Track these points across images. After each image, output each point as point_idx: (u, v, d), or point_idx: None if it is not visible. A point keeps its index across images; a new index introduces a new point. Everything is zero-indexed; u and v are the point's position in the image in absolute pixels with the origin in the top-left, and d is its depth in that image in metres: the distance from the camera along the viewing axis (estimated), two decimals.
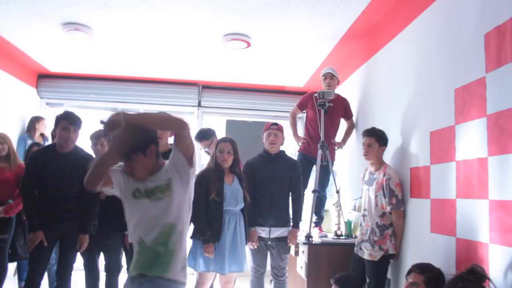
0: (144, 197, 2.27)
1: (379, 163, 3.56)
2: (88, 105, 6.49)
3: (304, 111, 4.90)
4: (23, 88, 6.13)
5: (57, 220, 3.53)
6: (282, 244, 3.91)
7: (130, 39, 4.91)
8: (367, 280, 3.43)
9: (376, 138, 3.54)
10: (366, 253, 3.43)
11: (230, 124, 6.48)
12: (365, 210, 3.60)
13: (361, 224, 3.70)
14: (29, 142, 5.55)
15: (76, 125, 3.57)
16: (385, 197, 3.41)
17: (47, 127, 5.83)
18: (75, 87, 6.42)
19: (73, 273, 3.74)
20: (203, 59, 5.52)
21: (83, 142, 3.93)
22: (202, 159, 6.02)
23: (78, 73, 6.34)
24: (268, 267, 4.00)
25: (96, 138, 4.00)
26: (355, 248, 3.64)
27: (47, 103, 6.56)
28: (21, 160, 4.42)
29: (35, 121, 5.75)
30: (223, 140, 3.71)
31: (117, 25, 4.51)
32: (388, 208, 3.40)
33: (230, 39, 4.64)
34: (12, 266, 4.90)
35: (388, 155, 3.68)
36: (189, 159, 2.25)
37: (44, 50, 5.45)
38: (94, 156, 3.80)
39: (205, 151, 4.63)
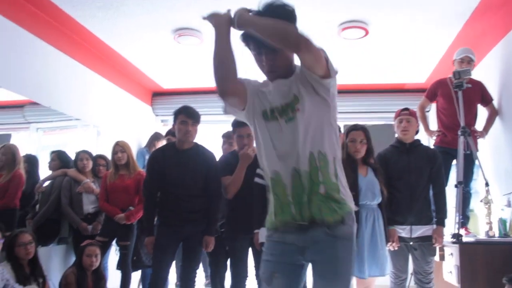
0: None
1: None
2: (203, 119, 6.48)
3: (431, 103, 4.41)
4: (139, 105, 6.35)
5: (181, 221, 3.39)
6: (426, 244, 3.41)
7: (239, 42, 4.80)
8: None
9: None
10: None
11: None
12: None
13: None
14: (147, 157, 5.61)
15: (194, 118, 3.46)
16: None
17: None
18: (187, 103, 6.45)
19: None
20: None
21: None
22: None
23: (190, 88, 6.40)
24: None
25: (227, 137, 3.93)
26: None
27: (162, 120, 6.69)
28: (140, 168, 4.43)
29: (155, 138, 5.77)
30: (354, 128, 3.34)
31: None
32: None
33: (347, 27, 4.31)
34: (136, 280, 4.89)
35: None
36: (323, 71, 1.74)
37: (157, 65, 5.58)
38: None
39: None
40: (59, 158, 4.54)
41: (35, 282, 3.31)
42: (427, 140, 4.93)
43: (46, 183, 4.44)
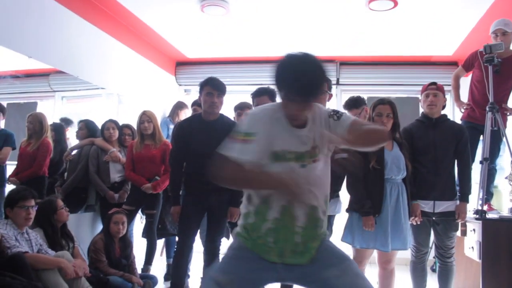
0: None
1: None
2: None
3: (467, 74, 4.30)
4: (163, 74, 6.38)
5: (206, 191, 3.43)
6: (448, 220, 3.41)
7: (265, 14, 4.75)
8: None
9: None
10: None
11: (371, 102, 6.03)
12: None
13: None
14: (171, 126, 5.65)
15: (220, 90, 3.46)
16: None
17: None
18: (211, 73, 6.43)
19: None
20: (342, 30, 5.15)
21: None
22: None
23: (214, 58, 6.39)
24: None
25: (240, 109, 3.90)
26: None
27: (185, 90, 6.74)
28: (164, 137, 4.49)
29: (178, 107, 5.79)
30: (381, 102, 3.30)
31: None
32: None
33: None
34: (159, 247, 5.02)
35: None
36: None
37: (182, 34, 5.56)
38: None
39: None
40: (87, 127, 4.63)
41: (65, 248, 3.44)
42: (452, 109, 4.82)
43: (74, 152, 4.54)
